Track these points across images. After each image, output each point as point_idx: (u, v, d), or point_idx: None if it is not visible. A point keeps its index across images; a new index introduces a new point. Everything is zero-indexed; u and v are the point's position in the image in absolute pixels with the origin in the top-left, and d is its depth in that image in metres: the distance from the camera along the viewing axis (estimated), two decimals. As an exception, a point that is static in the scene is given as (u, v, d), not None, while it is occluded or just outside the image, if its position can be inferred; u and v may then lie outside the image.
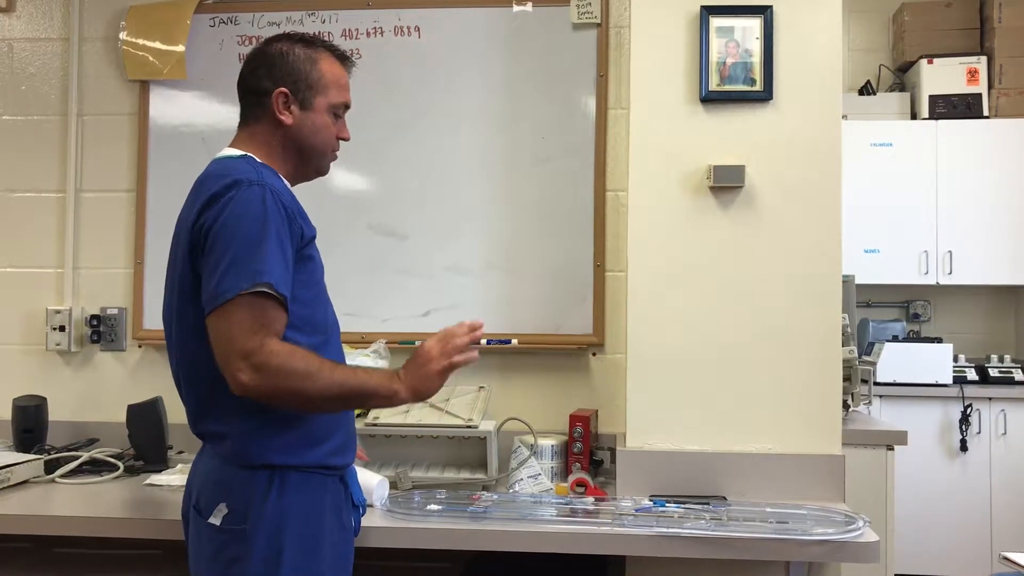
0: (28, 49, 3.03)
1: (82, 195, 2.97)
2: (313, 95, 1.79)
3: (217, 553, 1.66)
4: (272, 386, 1.57)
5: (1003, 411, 4.56)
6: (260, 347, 1.56)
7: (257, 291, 1.57)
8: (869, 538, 1.91)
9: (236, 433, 1.67)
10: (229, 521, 1.65)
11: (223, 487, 1.67)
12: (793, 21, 2.28)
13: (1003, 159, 4.81)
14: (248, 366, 1.55)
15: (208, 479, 1.71)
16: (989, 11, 4.94)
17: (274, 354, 1.57)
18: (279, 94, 1.77)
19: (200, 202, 1.65)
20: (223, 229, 1.61)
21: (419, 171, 2.84)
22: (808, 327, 2.24)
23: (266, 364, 1.56)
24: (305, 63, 1.79)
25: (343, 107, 1.85)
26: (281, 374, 1.57)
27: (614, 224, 2.74)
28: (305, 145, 1.80)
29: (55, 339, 2.91)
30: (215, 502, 1.67)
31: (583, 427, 2.44)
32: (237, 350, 1.56)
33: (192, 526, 1.74)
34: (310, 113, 1.79)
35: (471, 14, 2.83)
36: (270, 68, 1.78)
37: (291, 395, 1.60)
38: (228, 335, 1.57)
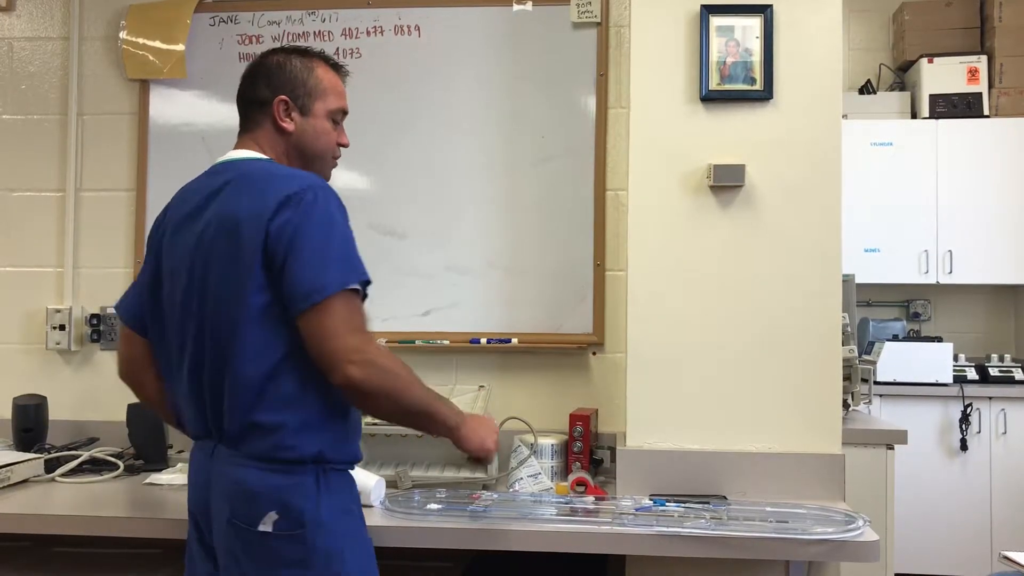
0: (28, 48, 3.03)
1: (82, 194, 2.97)
2: (312, 101, 1.84)
3: (270, 560, 1.65)
4: (378, 384, 1.62)
5: (1003, 410, 4.56)
6: (368, 343, 1.63)
7: (354, 288, 1.64)
8: (869, 537, 1.91)
9: (291, 424, 1.66)
10: (282, 527, 1.64)
11: (270, 494, 1.65)
12: (793, 20, 2.28)
13: (1003, 158, 4.81)
14: (361, 360, 1.60)
15: (245, 489, 1.66)
16: (989, 10, 4.94)
17: (381, 353, 1.64)
18: (279, 102, 1.81)
19: (275, 201, 1.65)
20: (315, 227, 1.64)
21: (419, 170, 2.84)
22: (808, 326, 2.24)
23: (374, 361, 1.61)
24: (302, 71, 1.84)
25: (341, 113, 1.90)
26: (388, 374, 1.63)
27: (614, 223, 2.74)
28: (308, 150, 1.85)
29: (55, 338, 2.91)
30: (262, 511, 1.64)
31: (583, 426, 2.44)
32: (347, 344, 1.60)
33: (226, 539, 1.69)
34: (310, 119, 1.84)
35: (471, 13, 2.83)
36: (268, 78, 1.83)
37: (388, 397, 1.65)
38: (335, 330, 1.60)
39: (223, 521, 1.68)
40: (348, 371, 1.59)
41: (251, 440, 1.67)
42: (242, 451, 1.68)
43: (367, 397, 1.64)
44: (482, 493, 2.23)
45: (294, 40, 2.88)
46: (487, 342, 2.75)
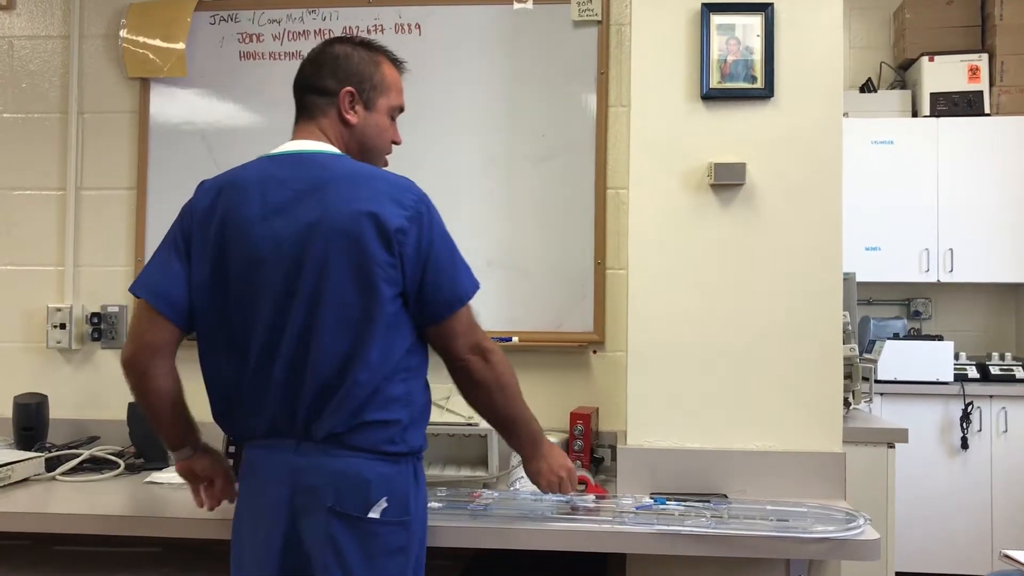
0: (28, 47, 3.03)
1: (82, 193, 2.97)
2: (376, 96, 1.86)
3: (377, 548, 1.68)
4: (495, 376, 1.83)
5: (1004, 409, 4.56)
6: (490, 340, 1.85)
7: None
8: (870, 536, 1.90)
9: (404, 421, 1.73)
10: (390, 514, 1.69)
11: (382, 482, 1.70)
12: (794, 18, 2.28)
13: (1004, 157, 4.81)
14: (484, 354, 1.81)
15: (355, 476, 1.68)
16: (990, 8, 4.94)
17: (500, 352, 1.86)
18: (346, 93, 1.82)
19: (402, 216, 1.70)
20: (441, 240, 1.77)
21: (419, 168, 2.81)
22: (809, 325, 2.24)
23: (494, 357, 1.83)
24: (368, 65, 1.86)
25: (399, 110, 1.93)
26: (506, 371, 1.86)
27: (615, 222, 2.74)
28: (368, 145, 1.87)
29: (56, 337, 2.91)
30: (374, 497, 1.68)
31: (584, 425, 2.44)
32: (474, 341, 1.81)
33: (326, 530, 1.66)
34: (373, 114, 1.86)
35: (472, 11, 2.83)
36: (335, 68, 1.83)
37: (500, 391, 1.85)
38: (465, 330, 1.80)
39: (320, 511, 1.66)
40: (471, 361, 1.80)
41: (358, 435, 1.70)
42: (346, 444, 1.69)
43: (480, 385, 1.82)
44: (483, 492, 2.23)
45: (294, 39, 2.88)
46: (488, 341, 2.74)
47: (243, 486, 1.79)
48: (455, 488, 2.28)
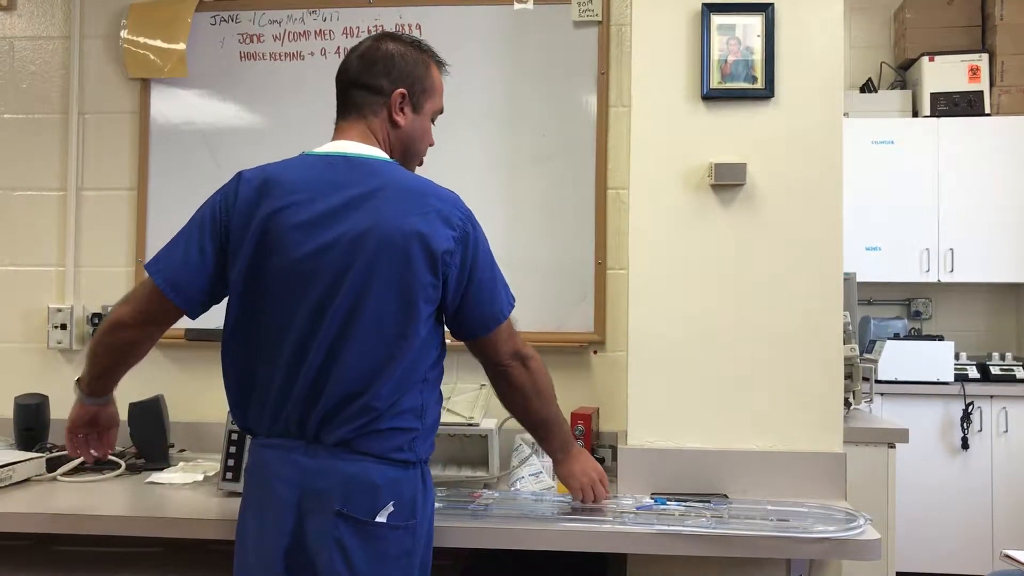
0: (29, 47, 3.03)
1: (83, 193, 2.97)
2: (425, 99, 1.85)
3: (383, 552, 1.69)
4: (532, 380, 1.89)
5: (1004, 409, 4.56)
6: (528, 347, 1.90)
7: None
8: (870, 536, 1.90)
9: (419, 430, 1.75)
10: (397, 518, 1.70)
11: (390, 486, 1.70)
12: (794, 18, 2.28)
13: (1004, 156, 4.81)
14: (523, 360, 1.88)
15: (364, 480, 1.68)
16: (991, 8, 4.94)
17: (538, 359, 1.92)
18: (399, 95, 1.80)
19: (449, 237, 1.73)
20: (484, 259, 1.80)
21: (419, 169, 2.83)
22: (809, 325, 2.24)
23: (532, 364, 1.89)
24: (420, 67, 1.84)
25: (439, 113, 1.94)
26: (542, 376, 1.92)
27: (615, 222, 2.74)
28: (411, 148, 1.87)
29: (56, 337, 2.91)
30: (382, 501, 1.69)
31: (584, 425, 2.44)
32: (512, 349, 1.87)
33: (333, 532, 1.66)
34: (420, 117, 1.86)
35: (472, 12, 2.83)
36: (389, 68, 1.80)
37: (538, 395, 1.91)
38: (505, 342, 1.86)
39: (328, 514, 1.66)
40: (511, 367, 1.86)
41: (369, 441, 1.70)
42: (356, 449, 1.69)
43: (518, 390, 1.89)
44: (483, 492, 2.23)
45: (295, 39, 2.89)
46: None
47: (250, 482, 1.78)
48: (456, 488, 2.28)
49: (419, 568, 1.75)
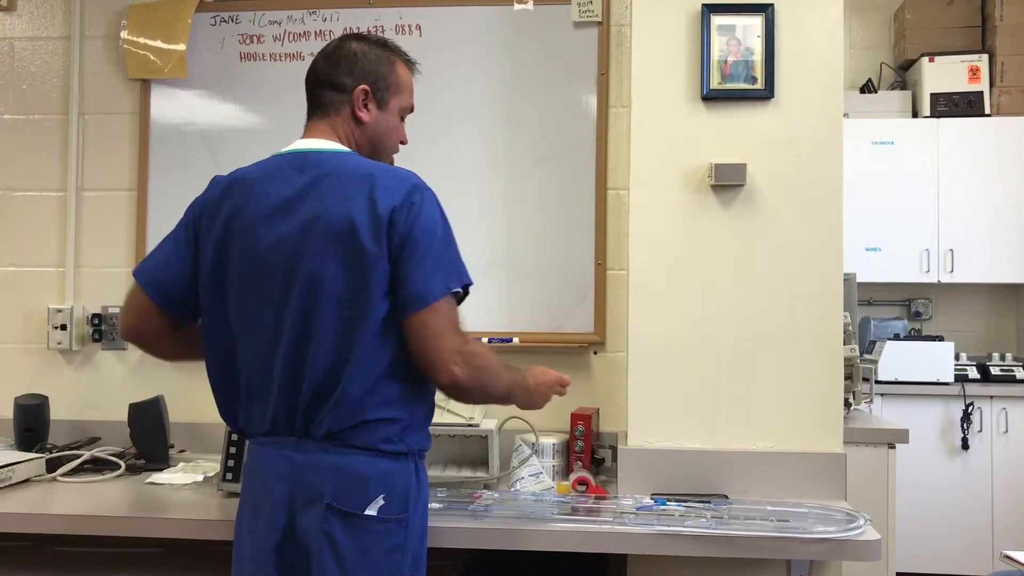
0: (29, 48, 3.03)
1: (83, 194, 2.97)
2: (390, 96, 1.86)
3: (373, 545, 1.68)
4: (476, 380, 1.72)
5: (1004, 409, 4.56)
6: (467, 343, 1.72)
7: (455, 291, 1.71)
8: (870, 536, 1.91)
9: (405, 419, 1.73)
10: (387, 511, 1.69)
11: (380, 479, 1.69)
12: (794, 19, 2.28)
13: (1004, 157, 4.81)
14: (462, 361, 1.68)
15: (354, 473, 1.68)
16: (990, 9, 4.94)
17: (479, 352, 1.75)
18: (360, 91, 1.82)
19: (390, 205, 1.68)
20: (423, 232, 1.69)
21: (419, 169, 2.79)
22: (809, 325, 2.24)
23: (473, 360, 1.70)
24: (384, 64, 1.86)
25: (409, 110, 1.94)
26: (485, 370, 1.74)
27: (615, 222, 2.74)
28: (378, 144, 1.87)
29: (56, 338, 2.91)
30: (372, 494, 1.68)
31: (584, 425, 2.44)
32: (451, 346, 1.68)
33: (323, 527, 1.66)
34: (385, 113, 1.86)
35: (472, 12, 2.83)
36: (351, 66, 1.83)
37: (482, 390, 1.77)
38: (441, 331, 1.68)
39: (318, 509, 1.67)
40: (453, 372, 1.68)
41: (358, 433, 1.70)
42: (346, 442, 1.69)
43: (466, 393, 1.76)
44: (483, 492, 2.24)
45: (295, 40, 2.89)
46: (488, 341, 2.74)
47: (246, 482, 1.79)
48: (456, 488, 2.28)
49: (411, 563, 1.73)
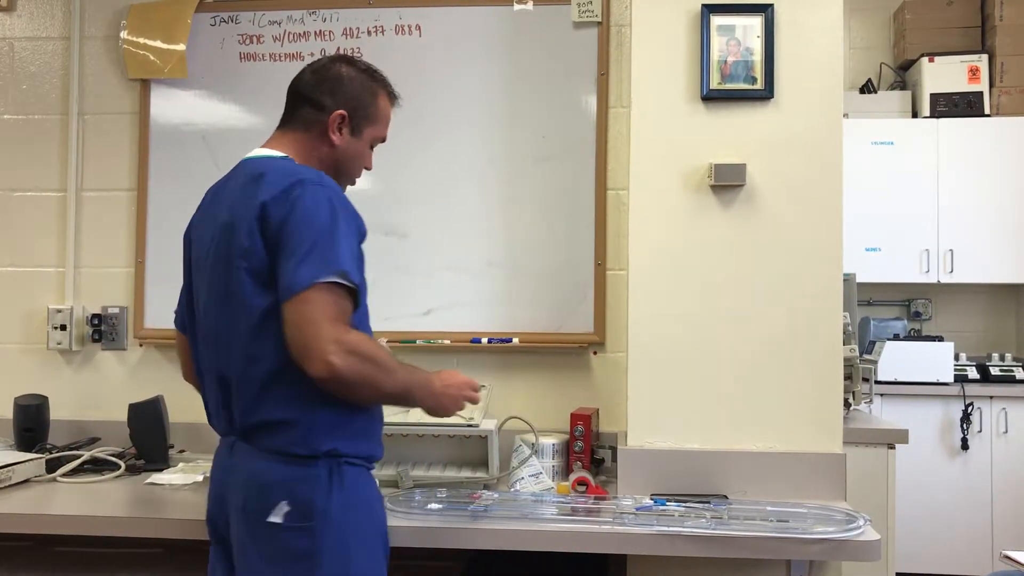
0: (29, 48, 3.03)
1: (83, 194, 2.97)
2: (365, 125, 1.87)
3: (278, 553, 1.67)
4: (357, 372, 1.62)
5: (1004, 409, 4.56)
6: (347, 333, 1.62)
7: (332, 280, 1.63)
8: (870, 536, 1.91)
9: (305, 421, 1.69)
10: (292, 519, 1.66)
11: (282, 485, 1.67)
12: (794, 19, 2.28)
13: (1004, 157, 4.81)
14: (340, 350, 1.59)
15: (258, 479, 1.69)
16: (990, 9, 4.94)
17: (363, 343, 1.64)
18: (337, 115, 1.83)
19: (263, 198, 1.68)
20: (298, 223, 1.65)
21: (419, 169, 2.84)
22: (809, 325, 2.24)
23: (355, 351, 1.61)
24: (366, 93, 1.87)
25: (380, 141, 1.94)
26: (368, 361, 1.64)
27: (615, 222, 2.74)
28: (342, 167, 1.88)
29: (56, 338, 2.91)
30: (274, 500, 1.66)
31: (584, 426, 2.44)
32: (327, 335, 1.59)
33: (239, 529, 1.71)
34: (357, 140, 1.87)
35: (472, 12, 2.83)
36: (335, 88, 1.84)
37: (368, 384, 1.65)
38: (313, 320, 1.60)
39: (238, 512, 1.71)
40: (331, 361, 1.58)
41: (265, 435, 1.70)
42: (257, 445, 1.71)
43: (348, 386, 1.64)
44: (483, 493, 2.23)
45: (295, 40, 2.89)
46: (488, 342, 2.74)
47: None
48: (455, 489, 2.28)
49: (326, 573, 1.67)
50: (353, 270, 1.66)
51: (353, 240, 1.71)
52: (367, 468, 1.79)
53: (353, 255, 1.69)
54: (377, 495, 1.82)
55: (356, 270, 1.68)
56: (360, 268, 1.71)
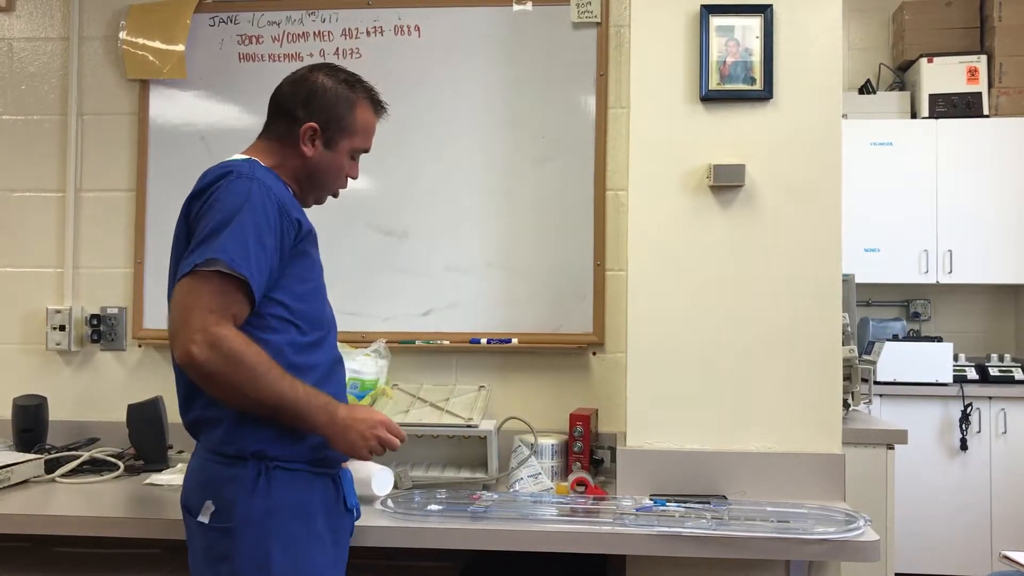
0: (28, 48, 3.03)
1: (82, 195, 2.97)
2: (340, 137, 1.82)
3: (206, 551, 1.68)
4: (217, 369, 1.57)
5: (1003, 410, 4.56)
6: (216, 326, 1.57)
7: (215, 270, 1.58)
8: (869, 537, 1.91)
9: (228, 420, 1.67)
10: (215, 519, 1.66)
11: (209, 485, 1.68)
12: (793, 20, 2.28)
13: (1003, 158, 4.81)
14: (203, 340, 1.56)
15: (195, 477, 1.73)
16: (989, 10, 4.94)
17: (230, 338, 1.58)
18: (308, 128, 1.80)
19: (191, 194, 1.72)
20: (204, 213, 1.66)
21: (419, 170, 2.84)
22: (808, 326, 2.24)
23: (219, 344, 1.56)
24: (343, 105, 1.82)
25: (363, 151, 1.90)
26: (231, 360, 1.57)
27: (614, 223, 2.74)
28: (316, 179, 1.84)
29: (55, 339, 2.91)
30: (202, 500, 1.67)
31: (583, 426, 2.44)
32: (194, 323, 1.56)
33: (185, 524, 1.76)
34: (331, 153, 1.83)
35: (471, 13, 2.83)
36: (308, 99, 1.81)
37: (229, 385, 1.59)
38: (185, 307, 1.59)
39: (182, 508, 1.76)
40: (190, 349, 1.55)
41: (202, 433, 1.73)
42: (200, 442, 1.75)
43: (206, 380, 1.60)
44: (482, 493, 2.23)
45: (294, 40, 2.89)
46: (487, 342, 2.74)
47: None
48: (455, 489, 2.28)
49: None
50: (239, 260, 1.59)
51: (262, 234, 1.63)
52: (310, 473, 1.72)
53: (251, 248, 1.61)
54: (321, 500, 1.73)
55: (245, 261, 1.60)
56: (260, 262, 1.63)
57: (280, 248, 1.68)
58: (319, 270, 1.83)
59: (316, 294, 1.80)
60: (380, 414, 1.75)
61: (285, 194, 1.75)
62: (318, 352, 1.76)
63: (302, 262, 1.76)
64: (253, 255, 1.62)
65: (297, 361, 1.70)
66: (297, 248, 1.73)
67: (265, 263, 1.65)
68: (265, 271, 1.65)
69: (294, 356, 1.70)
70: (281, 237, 1.68)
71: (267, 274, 1.66)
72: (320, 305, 1.81)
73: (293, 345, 1.71)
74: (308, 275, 1.78)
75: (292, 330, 1.71)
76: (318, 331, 1.77)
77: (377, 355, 2.57)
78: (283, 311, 1.71)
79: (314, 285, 1.80)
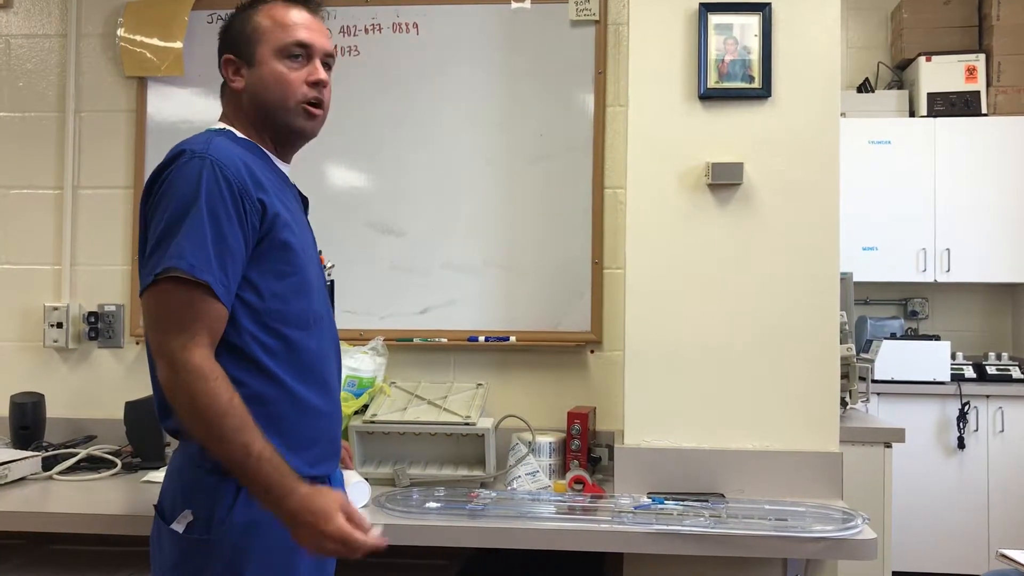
0: (25, 45, 3.02)
1: (80, 192, 2.97)
2: (254, 49, 1.66)
3: (178, 563, 1.54)
4: (173, 395, 1.46)
5: (1000, 409, 4.56)
6: (182, 350, 1.45)
7: (174, 276, 1.45)
8: (867, 535, 1.91)
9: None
10: (192, 530, 1.52)
11: (189, 492, 1.55)
12: (792, 18, 2.28)
13: (1001, 157, 4.81)
14: (166, 364, 1.45)
15: (174, 480, 1.59)
16: (987, 9, 4.94)
17: (193, 371, 1.44)
18: (226, 61, 1.71)
19: (147, 180, 1.58)
20: (156, 209, 1.52)
21: (417, 168, 2.84)
22: (806, 324, 2.24)
23: (176, 372, 1.44)
24: (242, 22, 1.69)
25: (298, 47, 1.66)
26: (183, 393, 1.45)
27: (612, 221, 2.74)
28: (261, 104, 1.67)
29: (52, 336, 2.90)
30: (179, 507, 1.54)
31: (581, 424, 2.44)
32: (162, 345, 1.46)
33: (152, 527, 1.61)
34: (256, 69, 1.66)
35: (469, 11, 2.83)
36: (220, 41, 1.73)
37: (185, 415, 1.46)
38: (153, 325, 1.48)
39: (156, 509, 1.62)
40: (160, 371, 1.47)
41: (183, 438, 1.60)
42: (181, 447, 1.61)
43: (174, 404, 1.47)
44: (480, 491, 2.23)
45: (292, 37, 2.88)
46: (485, 340, 2.74)
47: None
48: (452, 487, 2.28)
49: None
50: (199, 264, 1.45)
51: (221, 226, 1.49)
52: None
53: (204, 246, 1.47)
54: None
55: (206, 264, 1.46)
56: (223, 260, 1.49)
57: (244, 236, 1.52)
58: (303, 260, 1.63)
59: (297, 290, 1.60)
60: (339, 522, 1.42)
61: (250, 167, 1.58)
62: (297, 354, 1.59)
63: (281, 255, 1.58)
64: (214, 255, 1.47)
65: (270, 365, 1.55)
66: (273, 239, 1.56)
67: (230, 259, 1.50)
68: (232, 268, 1.50)
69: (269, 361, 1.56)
70: (244, 223, 1.52)
71: (237, 270, 1.51)
72: (303, 301, 1.61)
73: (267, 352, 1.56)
74: (287, 268, 1.59)
75: (263, 332, 1.55)
76: (299, 329, 1.60)
77: (375, 353, 2.57)
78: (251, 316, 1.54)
79: (295, 279, 1.60)
